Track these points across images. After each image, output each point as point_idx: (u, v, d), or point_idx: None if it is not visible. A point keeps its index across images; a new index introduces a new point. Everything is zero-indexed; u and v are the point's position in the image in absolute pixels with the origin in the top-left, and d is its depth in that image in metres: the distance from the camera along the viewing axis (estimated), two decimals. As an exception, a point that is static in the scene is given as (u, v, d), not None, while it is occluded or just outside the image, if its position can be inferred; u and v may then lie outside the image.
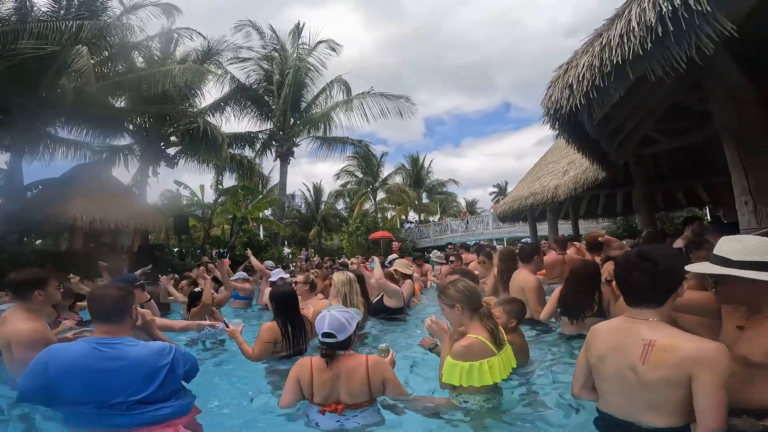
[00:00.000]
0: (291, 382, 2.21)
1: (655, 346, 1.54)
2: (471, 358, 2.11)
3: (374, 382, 2.13)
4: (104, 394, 1.90)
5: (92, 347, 1.94)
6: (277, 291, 3.49)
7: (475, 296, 2.24)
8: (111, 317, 2.03)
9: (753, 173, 3.15)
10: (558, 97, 2.96)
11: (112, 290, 2.09)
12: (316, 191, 34.82)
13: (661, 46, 2.08)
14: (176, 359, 2.03)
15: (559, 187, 9.29)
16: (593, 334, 1.80)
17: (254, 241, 17.01)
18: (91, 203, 11.68)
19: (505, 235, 24.24)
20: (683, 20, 1.91)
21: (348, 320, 2.20)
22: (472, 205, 48.29)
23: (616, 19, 2.38)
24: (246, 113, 19.65)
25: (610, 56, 2.33)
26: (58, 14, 11.99)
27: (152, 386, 1.93)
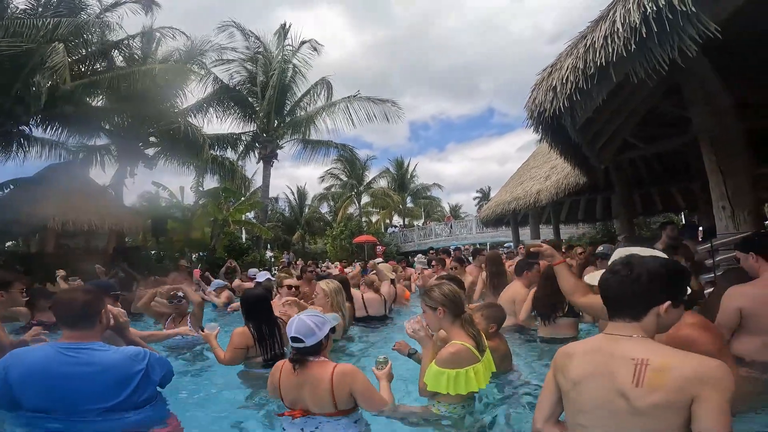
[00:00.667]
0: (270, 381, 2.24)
1: (649, 366, 1.33)
2: (458, 365, 2.05)
3: (338, 394, 2.01)
4: (73, 400, 1.82)
5: (58, 352, 1.85)
6: (246, 294, 3.42)
7: (459, 302, 2.20)
8: (78, 322, 1.93)
9: (730, 178, 3.21)
10: (542, 99, 2.96)
11: (79, 294, 2.00)
12: (300, 194, 34.55)
13: (644, 47, 2.09)
14: (151, 365, 1.95)
15: (541, 191, 9.42)
16: (566, 356, 1.52)
17: (235, 245, 16.70)
18: (65, 204, 11.29)
19: (489, 240, 24.46)
20: (667, 21, 1.93)
21: (317, 325, 2.10)
22: (456, 209, 48.62)
23: (601, 21, 2.40)
24: (229, 114, 19.36)
25: (594, 58, 2.34)
26: (36, 11, 11.71)
27: (125, 392, 1.86)
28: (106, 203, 12.65)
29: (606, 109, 4.08)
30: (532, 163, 10.95)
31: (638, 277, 1.39)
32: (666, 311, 1.39)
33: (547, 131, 3.60)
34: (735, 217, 3.11)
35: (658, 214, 13.93)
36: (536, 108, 3.08)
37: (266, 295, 3.42)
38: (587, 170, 5.73)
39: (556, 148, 4.33)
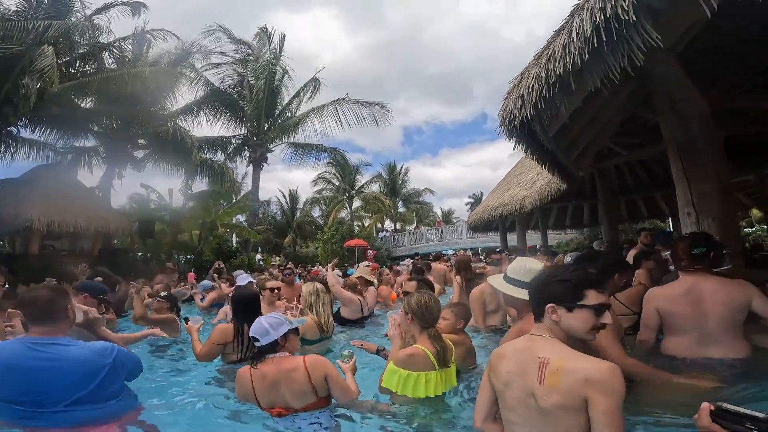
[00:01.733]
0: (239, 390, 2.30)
1: (549, 365, 1.39)
2: (411, 368, 2.15)
3: (316, 380, 2.14)
4: (40, 393, 1.88)
5: (26, 346, 1.91)
6: (237, 293, 3.50)
7: (428, 314, 2.29)
8: (44, 318, 1.99)
9: (695, 186, 3.30)
10: (512, 107, 3.04)
11: (43, 291, 2.04)
12: (292, 198, 34.49)
13: (599, 56, 2.18)
14: (118, 359, 2.00)
15: (526, 198, 9.52)
16: (498, 356, 1.59)
17: (224, 247, 16.63)
18: (50, 205, 11.21)
19: (479, 245, 24.59)
20: (614, 31, 2.01)
21: (272, 326, 2.23)
22: (448, 215, 48.83)
23: (561, 31, 2.49)
24: (219, 117, 19.31)
25: (555, 67, 2.42)
26: (27, 14, 11.75)
27: (91, 385, 1.92)
28: (92, 205, 12.59)
29: (581, 117, 4.18)
30: (519, 168, 11.06)
31: (535, 285, 1.59)
32: (553, 314, 1.48)
33: (520, 139, 3.68)
34: (699, 224, 3.19)
35: (643, 221, 14.13)
36: (507, 116, 3.15)
37: (258, 296, 3.50)
38: (566, 177, 5.82)
39: (532, 155, 4.42)
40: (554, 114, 2.97)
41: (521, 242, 11.92)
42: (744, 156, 7.17)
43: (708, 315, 2.40)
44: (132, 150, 15.87)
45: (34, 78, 10.40)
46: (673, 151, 3.40)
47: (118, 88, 12.09)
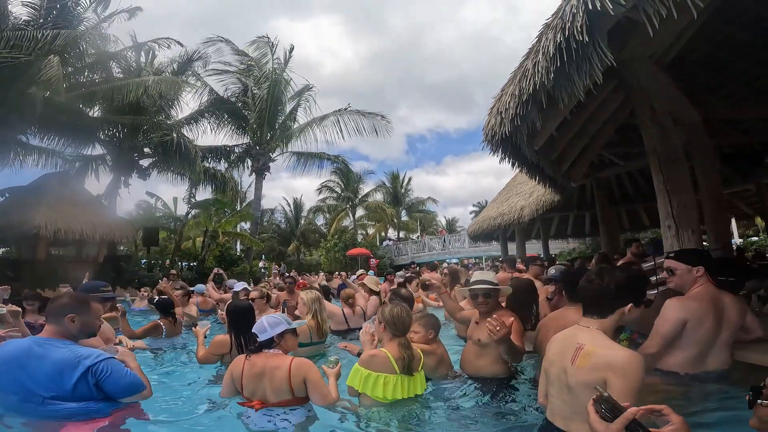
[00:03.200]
0: (227, 375, 2.50)
1: (582, 350, 1.62)
2: (371, 368, 2.31)
3: (295, 381, 2.28)
4: (26, 387, 2.01)
5: (31, 344, 2.09)
6: (231, 305, 3.61)
7: (400, 324, 2.46)
8: (51, 320, 2.17)
9: (675, 198, 3.35)
10: (493, 123, 3.13)
11: (59, 297, 2.25)
12: (296, 206, 34.67)
13: (564, 75, 2.26)
14: (97, 370, 2.05)
15: (524, 208, 9.56)
16: (550, 342, 1.89)
17: (226, 255, 16.78)
18: (57, 212, 11.44)
19: (482, 254, 24.54)
20: (574, 51, 2.10)
21: (270, 324, 2.43)
22: (452, 223, 48.75)
23: (532, 50, 2.58)
24: (223, 126, 19.55)
25: (526, 85, 2.51)
26: (36, 23, 11.93)
27: (67, 385, 2.00)
28: (98, 212, 12.80)
29: (569, 130, 4.25)
30: (518, 179, 11.10)
31: (607, 286, 1.72)
32: (629, 311, 1.72)
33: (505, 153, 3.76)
34: (679, 236, 3.23)
35: (645, 230, 14.07)
36: (489, 131, 3.24)
37: (251, 307, 3.59)
38: (559, 189, 5.87)
39: (521, 169, 4.49)
40: (532, 129, 3.04)
41: (521, 252, 11.92)
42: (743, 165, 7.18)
43: (723, 329, 2.41)
44: (137, 158, 16.12)
45: (41, 87, 10.69)
46: (654, 162, 3.46)
47: (123, 97, 12.29)
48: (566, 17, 2.06)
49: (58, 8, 12.38)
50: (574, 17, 1.99)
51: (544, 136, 3.74)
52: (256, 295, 4.76)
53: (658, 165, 3.45)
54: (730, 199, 10.06)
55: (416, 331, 2.79)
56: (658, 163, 3.45)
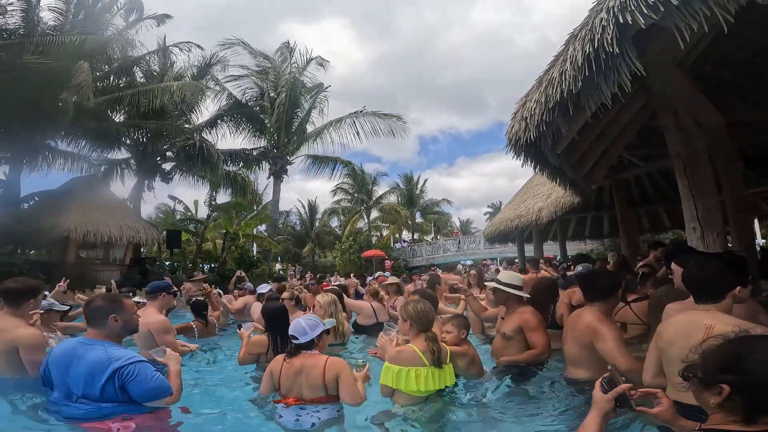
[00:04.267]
0: (266, 373, 2.60)
1: (714, 329, 1.70)
2: (401, 363, 2.40)
3: (328, 378, 2.37)
4: (67, 385, 2.15)
5: (76, 344, 2.22)
6: (268, 306, 3.73)
7: (424, 318, 2.54)
8: (90, 322, 2.27)
9: (700, 201, 3.38)
10: (517, 128, 3.21)
11: (96, 299, 2.34)
12: (311, 208, 35.00)
13: (592, 83, 2.34)
14: (123, 372, 2.11)
15: (542, 209, 9.55)
16: (665, 325, 2.02)
17: (245, 257, 17.10)
18: (86, 216, 11.85)
19: (497, 256, 24.42)
20: (602, 61, 2.17)
21: (309, 327, 2.51)
22: (466, 224, 48.55)
23: (558, 59, 2.66)
24: (242, 130, 19.87)
25: (553, 93, 2.59)
26: (63, 28, 12.22)
27: (97, 385, 2.08)
28: (124, 215, 13.19)
29: (590, 133, 4.30)
30: (535, 180, 11.08)
31: (713, 274, 1.90)
32: (739, 292, 1.88)
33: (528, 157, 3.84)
34: (704, 239, 3.26)
35: (666, 231, 13.86)
36: (513, 136, 3.32)
37: (284, 308, 3.75)
38: (578, 190, 5.89)
39: (542, 172, 4.54)
40: (557, 134, 3.12)
41: (538, 253, 11.88)
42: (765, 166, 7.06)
43: None
44: (160, 162, 16.57)
45: (72, 93, 11.05)
46: (678, 166, 3.49)
47: (148, 102, 12.62)
48: (596, 29, 2.14)
49: (84, 14, 12.78)
50: (604, 29, 2.07)
51: (567, 140, 3.80)
52: (287, 296, 4.92)
53: (683, 169, 3.48)
54: (753, 200, 9.88)
55: (449, 331, 2.87)
56: (683, 167, 3.48)
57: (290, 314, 4.58)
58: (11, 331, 2.75)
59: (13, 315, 2.85)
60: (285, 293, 5.35)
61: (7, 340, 2.72)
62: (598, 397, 1.42)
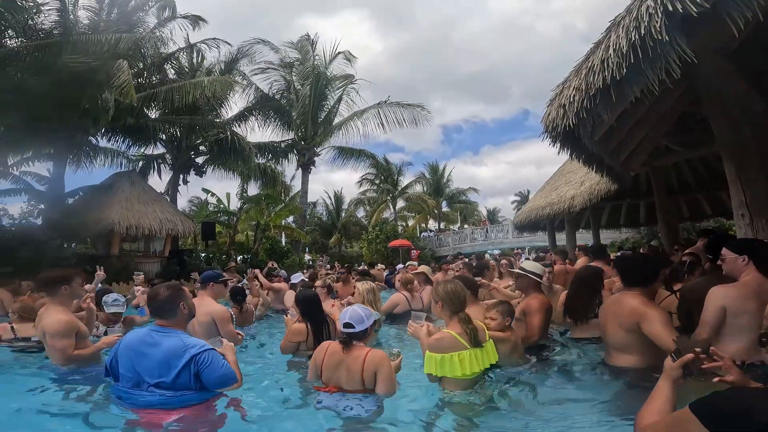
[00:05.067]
0: (312, 362, 2.65)
1: None
2: (442, 350, 2.40)
3: (367, 373, 2.38)
4: (138, 373, 2.22)
5: (147, 332, 2.31)
6: (301, 295, 3.83)
7: (457, 300, 2.52)
8: (160, 312, 2.34)
9: (749, 187, 3.24)
10: (554, 116, 3.15)
11: (161, 289, 2.40)
12: (336, 199, 35.34)
13: (637, 70, 2.27)
14: (199, 359, 2.21)
15: (575, 197, 9.32)
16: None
17: (276, 248, 17.53)
18: (128, 210, 12.40)
19: (526, 245, 24.02)
20: (650, 48, 2.10)
21: (366, 316, 2.52)
22: (493, 213, 47.83)
23: (599, 46, 2.58)
24: (270, 123, 20.17)
25: (594, 80, 2.53)
26: (97, 27, 12.55)
27: (171, 373, 2.16)
28: (162, 209, 13.66)
29: (628, 120, 4.17)
30: (567, 167, 10.79)
31: None
32: None
33: (565, 144, 3.76)
34: (753, 225, 3.14)
35: (707, 219, 13.26)
36: (550, 123, 3.26)
37: (317, 296, 3.83)
38: (615, 177, 5.72)
39: (578, 158, 4.44)
40: (596, 122, 3.05)
41: (570, 242, 11.61)
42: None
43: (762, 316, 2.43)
44: (194, 156, 17.12)
45: (113, 92, 11.46)
46: (725, 153, 3.36)
47: (180, 98, 12.89)
48: (642, 17, 2.07)
49: (117, 12, 13.15)
50: (651, 17, 2.01)
51: (605, 126, 3.70)
52: (319, 284, 5.06)
53: (730, 156, 3.35)
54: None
55: (493, 318, 2.89)
56: (730, 153, 3.34)
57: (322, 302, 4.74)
58: (45, 319, 2.96)
59: (52, 303, 3.07)
60: (318, 281, 5.49)
61: (40, 328, 2.97)
62: (668, 365, 1.53)
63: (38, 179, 14.12)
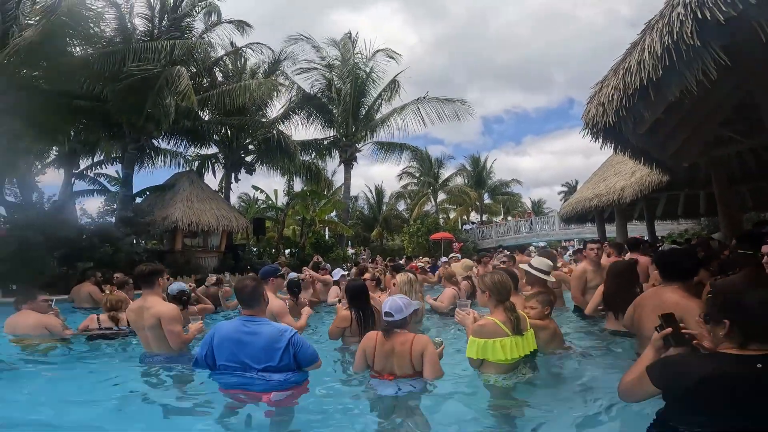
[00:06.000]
0: (359, 351, 2.75)
1: None
2: (485, 336, 2.56)
3: (415, 355, 2.55)
4: (243, 360, 2.40)
5: (240, 322, 2.49)
6: (350, 284, 4.11)
7: (503, 289, 2.67)
8: (248, 302, 2.54)
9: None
10: (594, 113, 3.18)
11: (247, 281, 2.62)
12: (377, 193, 35.72)
13: (674, 71, 2.28)
14: (292, 342, 2.42)
15: (625, 188, 9.02)
16: None
17: (321, 242, 18.16)
18: (189, 207, 13.37)
19: (574, 236, 23.22)
20: (684, 52, 2.12)
21: (404, 305, 2.66)
22: (538, 205, 46.33)
23: (635, 47, 2.60)
24: (312, 121, 20.77)
25: (632, 81, 2.56)
26: (152, 34, 13.35)
27: (276, 357, 2.37)
28: (218, 206, 14.55)
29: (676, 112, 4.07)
30: (616, 158, 10.39)
31: None
32: None
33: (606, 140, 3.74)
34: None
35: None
36: (590, 120, 3.29)
37: (365, 286, 4.07)
38: (667, 169, 5.52)
39: (623, 152, 4.37)
40: (639, 119, 3.05)
41: (621, 234, 11.18)
42: None
43: None
44: (244, 156, 18.08)
45: (173, 97, 12.29)
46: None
47: (231, 100, 13.59)
48: (673, 23, 2.11)
49: (168, 19, 13.78)
50: (683, 23, 2.04)
51: (649, 122, 3.65)
52: (368, 277, 5.36)
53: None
54: None
55: (533, 307, 3.02)
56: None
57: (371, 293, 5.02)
58: (155, 307, 3.19)
59: (150, 294, 3.29)
60: (367, 274, 5.79)
61: (153, 315, 3.15)
62: (654, 336, 1.76)
63: (110, 180, 15.56)
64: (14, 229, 9.30)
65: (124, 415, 2.60)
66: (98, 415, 2.55)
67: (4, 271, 8.51)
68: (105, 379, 3.21)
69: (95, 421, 2.50)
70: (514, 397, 2.54)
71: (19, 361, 3.69)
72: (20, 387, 3.18)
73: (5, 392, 3.00)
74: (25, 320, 4.13)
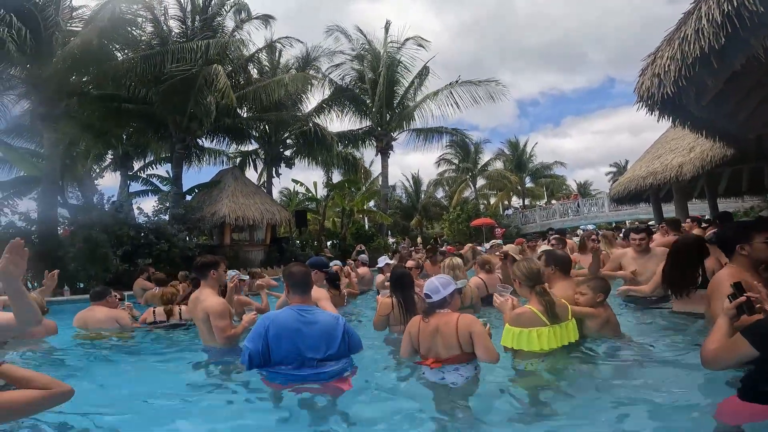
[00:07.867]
0: (405, 336, 2.71)
1: None
2: (521, 325, 2.50)
3: (462, 335, 2.42)
4: (302, 351, 2.32)
5: (296, 313, 2.41)
6: (394, 271, 4.10)
7: (533, 275, 2.63)
8: (301, 289, 2.50)
9: None
10: (648, 85, 2.93)
11: (302, 267, 2.59)
12: (415, 181, 35.46)
13: (738, 38, 2.04)
14: (346, 330, 2.46)
15: (683, 165, 8.37)
16: None
17: (361, 232, 18.34)
18: (235, 203, 13.91)
19: (626, 218, 21.95)
20: (747, 19, 1.89)
21: (442, 285, 2.57)
22: (584, 186, 44.15)
23: (690, 16, 2.34)
24: (347, 112, 20.78)
25: (691, 50, 2.32)
26: (187, 35, 13.68)
27: (335, 344, 2.35)
28: (262, 200, 15.00)
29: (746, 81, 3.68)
30: (671, 134, 9.63)
31: None
32: None
33: (663, 112, 3.44)
34: None
35: None
36: (645, 93, 3.04)
37: (408, 273, 4.01)
38: (733, 141, 5.04)
39: (683, 125, 4.01)
40: (702, 88, 2.78)
41: (681, 213, 10.39)
42: None
43: None
44: (283, 150, 18.52)
45: (213, 95, 12.51)
46: None
47: (267, 96, 13.81)
48: None
49: (200, 19, 14.06)
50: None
51: (714, 90, 3.32)
52: (412, 264, 5.35)
53: None
54: None
55: (583, 293, 2.87)
56: None
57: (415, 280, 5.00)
58: (206, 300, 3.18)
59: (203, 287, 3.27)
60: (410, 262, 5.78)
61: (202, 309, 3.15)
62: (726, 306, 1.76)
63: (161, 180, 16.50)
64: (79, 230, 9.95)
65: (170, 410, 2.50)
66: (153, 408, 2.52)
67: (72, 270, 9.26)
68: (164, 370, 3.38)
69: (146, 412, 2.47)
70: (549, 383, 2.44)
71: (90, 353, 3.95)
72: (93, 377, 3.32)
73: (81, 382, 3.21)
74: (95, 315, 4.45)
